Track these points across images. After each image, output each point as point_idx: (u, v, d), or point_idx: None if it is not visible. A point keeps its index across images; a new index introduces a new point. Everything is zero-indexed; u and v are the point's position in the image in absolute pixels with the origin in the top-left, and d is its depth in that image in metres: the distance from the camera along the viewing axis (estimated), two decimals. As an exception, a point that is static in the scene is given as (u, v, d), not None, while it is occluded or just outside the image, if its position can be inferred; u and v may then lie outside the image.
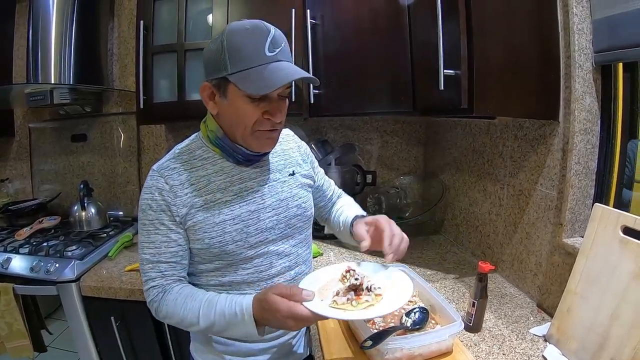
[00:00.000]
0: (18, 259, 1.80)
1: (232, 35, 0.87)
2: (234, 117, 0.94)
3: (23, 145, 2.56)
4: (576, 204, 1.22)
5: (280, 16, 1.70)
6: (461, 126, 1.87)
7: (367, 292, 0.88)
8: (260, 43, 0.86)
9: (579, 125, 1.18)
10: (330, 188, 1.34)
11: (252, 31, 0.87)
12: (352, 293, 0.87)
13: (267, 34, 0.86)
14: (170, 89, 1.90)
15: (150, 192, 0.97)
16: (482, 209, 1.72)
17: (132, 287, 1.59)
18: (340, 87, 1.68)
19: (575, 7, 1.15)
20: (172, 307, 0.96)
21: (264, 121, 0.93)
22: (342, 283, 0.93)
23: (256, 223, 1.01)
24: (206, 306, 0.93)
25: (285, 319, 0.83)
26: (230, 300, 0.92)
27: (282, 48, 0.89)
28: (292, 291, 0.84)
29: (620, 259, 0.99)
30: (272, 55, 0.87)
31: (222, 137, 0.99)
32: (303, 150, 1.22)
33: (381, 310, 0.84)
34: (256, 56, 0.86)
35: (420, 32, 1.34)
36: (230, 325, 0.91)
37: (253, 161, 1.04)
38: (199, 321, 0.93)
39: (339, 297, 0.87)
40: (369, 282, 0.91)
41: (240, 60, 0.86)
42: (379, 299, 0.87)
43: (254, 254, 1.02)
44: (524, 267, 1.45)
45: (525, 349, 1.13)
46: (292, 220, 1.09)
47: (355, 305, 0.84)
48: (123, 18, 2.33)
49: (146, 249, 0.98)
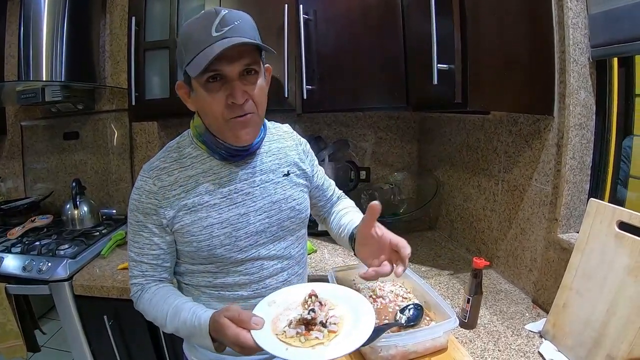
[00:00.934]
0: (10, 258, 1.78)
1: (184, 27, 0.87)
2: (204, 109, 0.92)
3: (15, 143, 2.53)
4: (571, 199, 1.22)
5: (273, 12, 1.69)
6: (455, 122, 1.86)
7: (322, 326, 0.80)
8: (207, 26, 0.83)
9: (574, 120, 1.17)
10: (331, 188, 1.28)
11: (201, 17, 0.85)
12: (303, 327, 0.80)
13: (215, 16, 0.83)
14: (163, 85, 1.88)
15: (139, 193, 0.96)
16: (476, 204, 1.72)
17: (124, 286, 1.57)
18: (333, 82, 1.66)
19: (570, 1, 1.15)
20: (146, 306, 0.98)
21: (230, 107, 0.88)
22: (303, 308, 0.86)
23: (246, 227, 0.99)
24: (173, 312, 0.92)
25: (231, 344, 0.80)
26: (193, 312, 0.89)
27: (232, 26, 0.84)
28: (241, 317, 0.79)
29: (615, 254, 0.99)
30: (218, 34, 0.83)
31: (204, 133, 0.97)
32: (302, 147, 1.16)
33: (325, 354, 0.74)
34: (203, 40, 0.83)
35: (414, 26, 1.33)
36: (192, 335, 0.89)
37: (239, 157, 0.99)
38: (166, 324, 0.93)
39: (289, 328, 0.80)
40: (327, 315, 0.83)
41: (191, 49, 0.84)
42: (331, 336, 0.78)
43: (245, 257, 1.00)
44: (518, 262, 1.45)
45: (520, 345, 1.13)
46: (285, 223, 1.05)
47: (302, 341, 0.77)
48: (115, 14, 2.30)
49: (132, 247, 1.00)
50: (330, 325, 0.80)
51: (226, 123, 0.90)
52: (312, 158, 1.20)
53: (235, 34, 0.84)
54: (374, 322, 0.80)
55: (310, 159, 1.19)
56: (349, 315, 0.84)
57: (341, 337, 0.78)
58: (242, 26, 0.86)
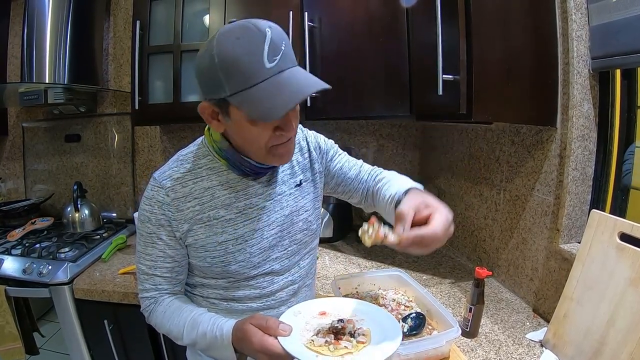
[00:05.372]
0: (10, 261, 1.78)
1: (223, 49, 0.74)
2: (243, 138, 0.86)
3: (16, 144, 2.53)
4: (573, 210, 1.23)
5: (277, 18, 1.67)
6: (457, 131, 1.87)
7: (350, 337, 0.81)
8: (256, 54, 0.73)
9: (577, 132, 1.18)
10: (356, 167, 1.16)
11: (244, 40, 0.73)
12: (332, 336, 0.80)
13: (263, 40, 0.73)
14: (166, 90, 1.88)
15: (150, 204, 0.91)
16: (477, 213, 1.72)
17: (125, 291, 1.57)
18: (337, 90, 1.65)
19: (574, 13, 1.16)
20: (160, 319, 0.96)
21: (276, 137, 0.84)
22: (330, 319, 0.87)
23: (259, 242, 0.96)
24: (190, 325, 0.90)
25: (256, 352, 0.78)
26: (212, 322, 0.88)
27: (283, 52, 0.76)
28: (268, 324, 0.78)
29: (616, 265, 1.00)
30: (273, 66, 0.74)
31: (228, 150, 0.91)
32: (309, 141, 1.09)
33: None
34: (255, 71, 0.73)
35: (419, 36, 1.34)
36: (211, 347, 0.88)
37: (261, 173, 0.96)
38: (183, 337, 0.91)
39: (318, 337, 0.80)
40: (355, 326, 0.84)
41: (238, 79, 0.74)
42: (360, 347, 0.79)
43: (258, 272, 0.98)
44: (519, 272, 1.45)
45: (522, 354, 1.13)
46: (298, 236, 1.03)
47: (332, 350, 0.77)
48: (119, 17, 2.31)
49: (143, 260, 0.96)
50: (358, 336, 0.81)
51: (269, 150, 0.85)
52: (327, 149, 1.13)
53: (289, 64, 0.78)
54: (401, 335, 0.81)
55: (326, 151, 1.12)
56: (376, 328, 0.85)
57: (369, 348, 0.79)
58: (289, 51, 0.79)
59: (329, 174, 1.14)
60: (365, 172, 1.16)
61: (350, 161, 1.17)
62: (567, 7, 1.18)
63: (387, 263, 1.78)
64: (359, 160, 1.21)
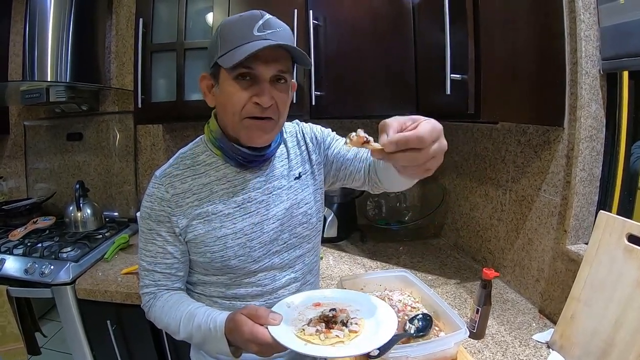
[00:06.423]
0: (12, 260, 1.76)
1: (225, 21, 0.88)
2: (224, 103, 0.90)
3: (18, 143, 2.51)
4: (580, 211, 1.22)
5: (281, 16, 1.66)
6: (462, 130, 1.86)
7: (342, 326, 0.80)
8: (249, 25, 0.83)
9: (585, 133, 1.17)
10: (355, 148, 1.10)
11: (245, 16, 0.85)
12: (323, 325, 0.80)
13: (260, 18, 0.84)
14: (169, 88, 1.87)
15: (151, 201, 0.95)
16: (483, 213, 1.72)
17: (128, 291, 1.56)
18: (342, 89, 1.66)
19: (583, 13, 1.15)
20: (158, 313, 0.97)
21: (252, 107, 0.87)
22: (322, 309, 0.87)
23: (259, 236, 0.98)
24: (187, 318, 0.91)
25: (247, 342, 0.78)
26: (207, 315, 0.89)
27: (275, 31, 0.85)
28: (258, 312, 0.79)
29: (624, 266, 0.99)
30: (259, 34, 0.83)
31: (221, 137, 0.95)
32: (305, 132, 1.11)
33: (346, 351, 0.74)
34: (243, 36, 0.83)
35: (426, 36, 1.33)
36: (206, 340, 0.88)
37: (255, 163, 0.97)
38: (180, 331, 0.92)
39: (309, 326, 0.79)
40: (348, 315, 0.83)
41: (229, 42, 0.84)
42: (352, 336, 0.78)
43: (258, 267, 0.99)
44: (525, 273, 1.45)
45: (529, 355, 1.13)
46: (298, 229, 1.04)
47: (322, 339, 0.76)
48: (121, 15, 2.30)
49: (144, 256, 0.98)
50: (351, 325, 0.80)
51: (242, 121, 0.89)
52: (323, 137, 1.12)
53: (276, 39, 0.84)
54: (395, 325, 0.80)
55: (323, 139, 1.12)
56: (371, 319, 0.84)
57: (362, 338, 0.78)
58: (283, 34, 0.87)
59: (328, 162, 1.12)
60: (365, 151, 1.08)
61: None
62: (575, 7, 1.17)
63: (392, 263, 1.77)
64: None
